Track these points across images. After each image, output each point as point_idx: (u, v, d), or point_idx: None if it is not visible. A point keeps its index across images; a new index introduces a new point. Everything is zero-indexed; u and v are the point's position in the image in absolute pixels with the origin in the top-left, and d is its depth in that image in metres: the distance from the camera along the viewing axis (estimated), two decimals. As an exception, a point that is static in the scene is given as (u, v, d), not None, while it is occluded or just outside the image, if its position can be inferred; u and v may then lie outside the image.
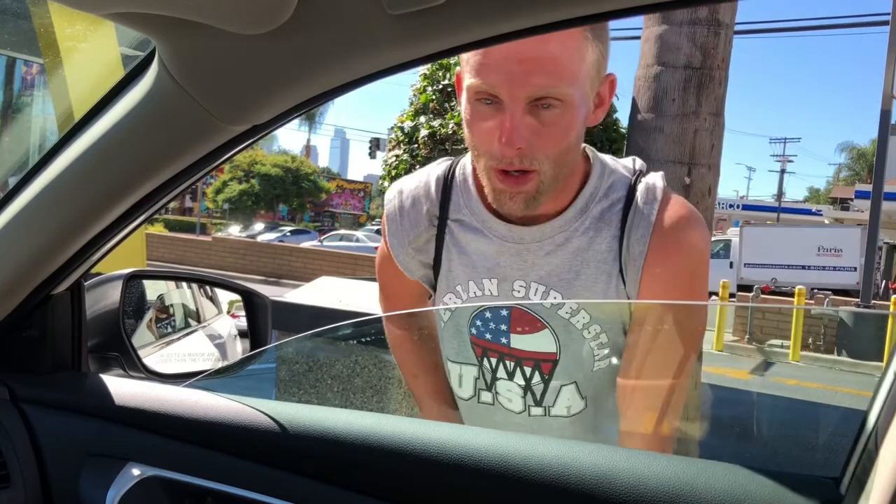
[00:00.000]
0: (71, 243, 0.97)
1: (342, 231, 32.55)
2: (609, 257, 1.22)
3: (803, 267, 15.17)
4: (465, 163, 1.32)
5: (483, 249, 1.27)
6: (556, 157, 1.13)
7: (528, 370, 1.31)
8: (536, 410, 1.32)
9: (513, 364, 1.31)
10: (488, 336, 1.31)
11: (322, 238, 30.14)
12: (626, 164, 1.29)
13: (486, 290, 1.28)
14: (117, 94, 0.85)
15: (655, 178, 1.25)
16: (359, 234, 31.16)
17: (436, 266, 1.33)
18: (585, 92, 1.13)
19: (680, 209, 1.22)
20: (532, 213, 1.21)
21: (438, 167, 1.35)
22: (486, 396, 1.36)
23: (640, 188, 1.23)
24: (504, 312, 1.28)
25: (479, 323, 1.31)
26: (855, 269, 14.19)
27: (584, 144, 1.25)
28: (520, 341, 1.29)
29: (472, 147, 1.18)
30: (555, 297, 1.24)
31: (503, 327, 1.29)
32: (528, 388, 1.32)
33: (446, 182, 1.31)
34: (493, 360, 1.33)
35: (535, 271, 1.24)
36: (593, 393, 1.30)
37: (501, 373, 1.33)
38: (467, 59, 1.13)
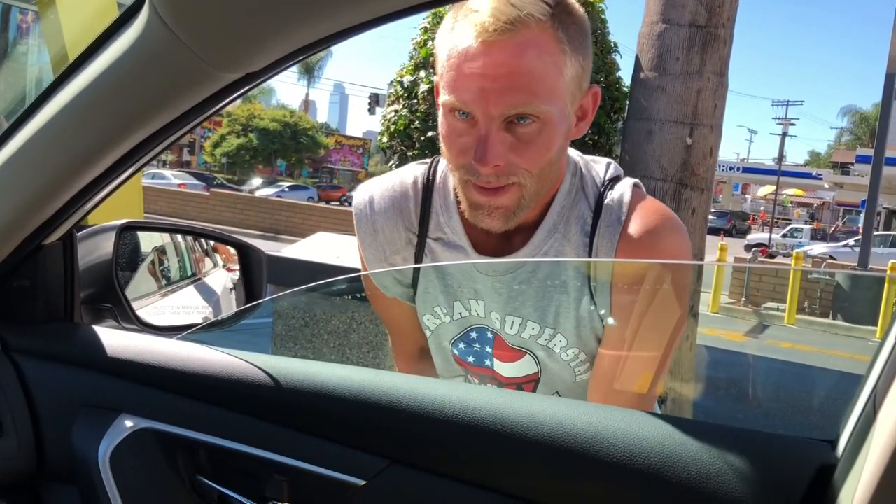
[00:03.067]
0: (63, 192, 0.95)
1: (154, 171, 34.32)
2: (578, 282, 1.18)
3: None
4: (446, 172, 1.23)
5: (467, 269, 1.21)
6: (537, 171, 1.08)
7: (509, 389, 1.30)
8: None
9: (495, 387, 1.30)
10: (471, 359, 1.29)
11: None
12: (598, 171, 1.21)
13: (473, 311, 1.24)
14: (108, 39, 0.83)
15: (623, 190, 1.17)
16: (167, 173, 33.97)
17: (413, 285, 1.28)
18: (564, 107, 1.08)
19: (646, 221, 1.15)
20: (508, 230, 1.15)
21: (415, 173, 1.26)
22: None
23: (606, 204, 1.16)
24: (489, 335, 1.25)
25: (462, 346, 1.28)
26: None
27: (569, 149, 1.19)
28: (501, 367, 1.27)
29: (448, 160, 1.13)
30: (532, 329, 1.21)
31: (488, 349, 1.26)
32: None
33: (426, 193, 1.23)
34: (475, 382, 1.32)
35: (510, 304, 1.20)
36: (577, 398, 1.27)
37: None
38: (442, 74, 1.08)
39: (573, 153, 1.22)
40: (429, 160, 1.28)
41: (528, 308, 1.20)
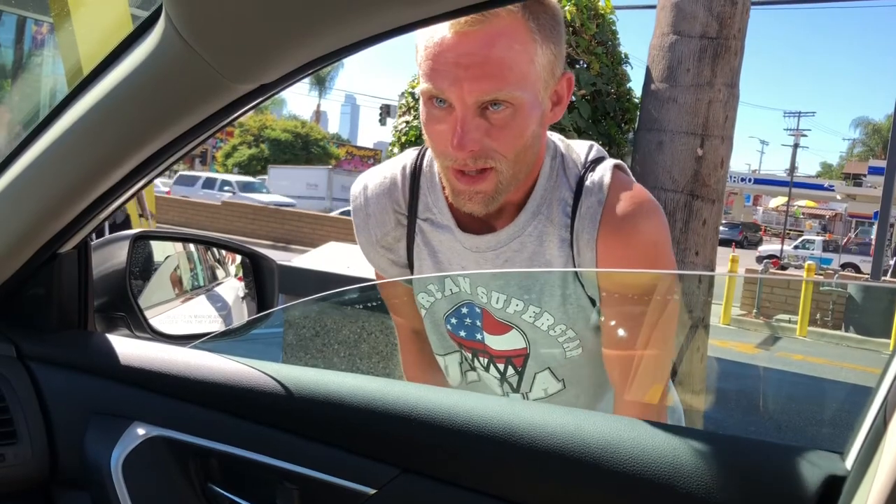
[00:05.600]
0: (77, 201, 0.97)
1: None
2: (560, 262, 1.21)
3: (300, 197, 27.53)
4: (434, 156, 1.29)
5: (454, 247, 1.26)
6: (513, 156, 1.12)
7: (500, 366, 1.32)
8: (515, 396, 1.34)
9: (486, 360, 1.33)
10: (462, 333, 1.32)
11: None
12: (579, 154, 1.24)
13: (461, 287, 1.28)
14: (124, 51, 0.84)
15: (603, 172, 1.20)
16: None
17: (410, 266, 1.32)
18: (537, 93, 1.12)
19: (627, 203, 1.17)
20: (492, 212, 1.19)
21: (405, 160, 1.31)
22: (473, 376, 1.39)
23: (587, 186, 1.19)
24: (478, 310, 1.28)
25: (454, 320, 1.32)
26: (323, 198, 28.68)
27: (548, 132, 1.23)
28: (491, 340, 1.30)
29: (430, 147, 1.18)
30: (517, 305, 1.23)
31: (478, 323, 1.29)
32: (503, 379, 1.34)
33: (413, 177, 1.29)
34: (468, 355, 1.36)
35: (496, 280, 1.24)
36: (569, 375, 1.30)
37: (477, 365, 1.35)
38: (420, 63, 1.13)
39: (553, 137, 1.26)
40: (420, 147, 1.33)
41: (512, 286, 1.23)
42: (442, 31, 1.07)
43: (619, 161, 1.24)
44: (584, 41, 5.64)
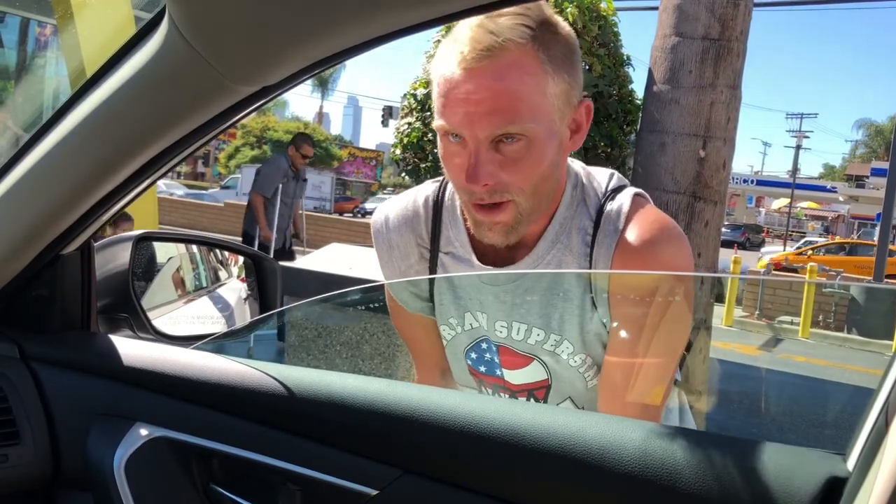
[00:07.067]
0: (81, 203, 0.97)
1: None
2: (579, 293, 1.20)
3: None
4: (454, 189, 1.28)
5: (473, 281, 1.25)
6: (530, 188, 1.12)
7: (522, 400, 1.31)
8: None
9: (507, 396, 1.32)
10: (482, 368, 1.32)
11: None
12: (600, 182, 1.24)
13: (480, 323, 1.27)
14: (127, 53, 0.84)
15: (622, 201, 1.19)
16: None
17: (430, 298, 1.32)
18: (552, 123, 1.11)
19: (644, 230, 1.16)
20: (512, 244, 1.18)
21: (426, 192, 1.31)
22: None
23: (605, 214, 1.19)
24: (494, 346, 1.28)
25: (473, 355, 1.31)
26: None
27: (570, 160, 1.22)
28: (510, 375, 1.29)
29: (450, 181, 1.18)
30: (538, 335, 1.23)
31: (496, 360, 1.29)
32: None
33: (436, 210, 1.29)
34: (489, 391, 1.35)
35: (516, 310, 1.23)
36: (589, 403, 1.29)
37: None
38: (434, 99, 1.13)
39: (575, 165, 1.25)
40: (440, 178, 1.32)
41: (532, 315, 1.22)
42: (451, 68, 1.07)
43: (639, 189, 1.23)
44: (586, 43, 5.65)
